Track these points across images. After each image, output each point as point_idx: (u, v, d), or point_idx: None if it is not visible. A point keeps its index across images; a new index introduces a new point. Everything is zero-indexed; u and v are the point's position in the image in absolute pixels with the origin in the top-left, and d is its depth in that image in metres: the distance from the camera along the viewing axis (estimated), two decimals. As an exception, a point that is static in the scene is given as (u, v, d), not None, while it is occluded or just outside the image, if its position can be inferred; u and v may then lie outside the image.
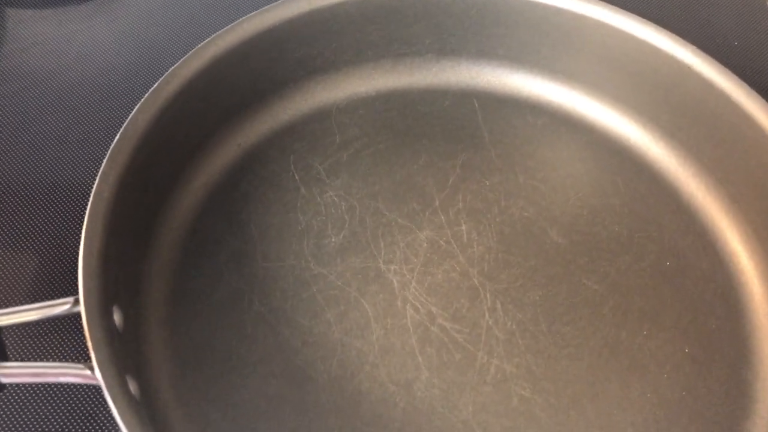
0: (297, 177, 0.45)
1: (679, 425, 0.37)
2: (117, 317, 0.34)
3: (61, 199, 0.45)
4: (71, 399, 0.37)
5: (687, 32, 0.45)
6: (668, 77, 0.44)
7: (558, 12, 0.46)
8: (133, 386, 0.32)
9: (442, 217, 0.44)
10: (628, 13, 0.45)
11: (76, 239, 0.42)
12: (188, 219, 0.42)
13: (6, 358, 0.32)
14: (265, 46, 0.45)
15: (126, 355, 0.33)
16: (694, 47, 0.43)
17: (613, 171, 0.46)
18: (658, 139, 0.47)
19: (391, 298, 0.40)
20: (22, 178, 0.46)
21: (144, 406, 0.33)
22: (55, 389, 0.38)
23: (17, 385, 0.38)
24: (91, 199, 0.34)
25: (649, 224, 0.44)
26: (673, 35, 0.44)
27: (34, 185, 0.46)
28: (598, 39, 0.46)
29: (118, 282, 0.35)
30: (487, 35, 0.48)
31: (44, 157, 0.47)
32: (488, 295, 0.41)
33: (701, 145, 0.45)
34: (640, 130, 0.47)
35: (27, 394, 0.38)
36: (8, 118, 0.49)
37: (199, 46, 0.42)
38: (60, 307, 0.32)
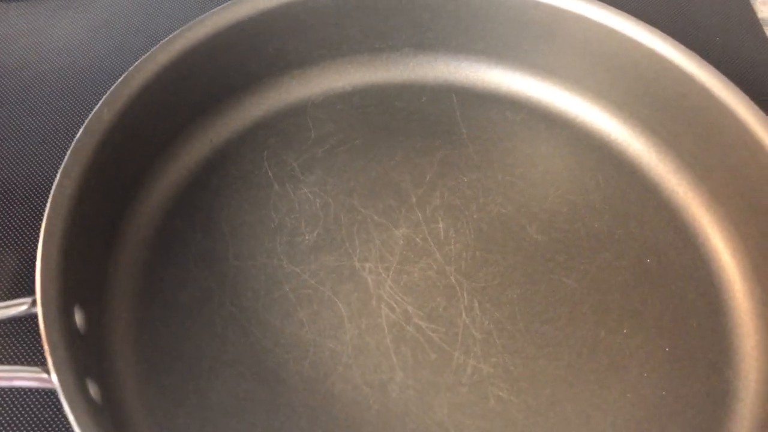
0: (270, 173, 0.44)
1: (659, 425, 0.36)
2: (79, 318, 0.33)
3: (24, 195, 0.44)
4: (28, 405, 0.36)
5: (668, 27, 0.45)
6: (649, 72, 0.44)
7: (537, 6, 0.45)
8: (94, 390, 0.31)
9: (419, 214, 0.43)
10: (609, 7, 0.44)
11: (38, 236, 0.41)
12: (157, 216, 0.41)
13: (-42, 361, 0.31)
14: (237, 39, 0.43)
15: (88, 357, 0.32)
16: (676, 41, 0.42)
17: (592, 167, 0.46)
18: (639, 135, 0.46)
19: (366, 297, 0.39)
20: (-13, 175, 0.45)
21: (106, 411, 0.31)
22: (9, 395, 0.36)
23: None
24: (51, 195, 0.33)
25: (629, 221, 0.43)
26: (654, 29, 0.43)
27: (-1, 182, 0.45)
28: (578, 33, 0.45)
29: (80, 281, 0.34)
30: (465, 29, 0.47)
31: (6, 153, 0.46)
32: (465, 294, 0.40)
33: (682, 141, 0.44)
34: (621, 125, 0.47)
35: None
36: (-28, 114, 0.48)
37: (169, 37, 0.41)
38: (17, 308, 0.31)
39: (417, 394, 0.36)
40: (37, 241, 0.41)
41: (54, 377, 0.28)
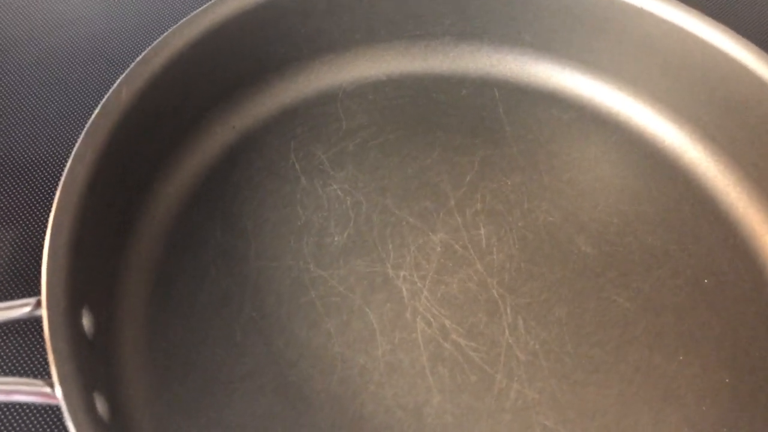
0: (297, 166, 0.40)
1: (720, 466, 0.33)
2: (87, 321, 0.29)
3: (34, 180, 0.40)
4: (28, 421, 0.33)
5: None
6: (715, 74, 0.40)
7: (595, -4, 0.42)
8: (101, 405, 0.28)
9: (458, 219, 0.39)
10: (674, 0, 0.40)
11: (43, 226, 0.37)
12: (173, 209, 0.38)
13: (-51, 371, 0.27)
14: (267, 18, 0.40)
15: (95, 367, 0.29)
16: (749, 42, 0.39)
17: (645, 175, 0.42)
18: (697, 141, 0.43)
19: (400, 309, 0.36)
20: (-11, 154, 0.41)
21: (113, 429, 0.28)
22: (8, 409, 0.33)
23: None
24: (61, 183, 0.29)
25: (684, 236, 0.40)
26: (725, 27, 0.39)
27: (2, 163, 0.41)
28: (637, 28, 0.42)
29: (90, 280, 0.30)
30: (512, 18, 0.44)
31: (16, 132, 0.42)
32: (509, 310, 0.36)
33: (745, 150, 0.41)
34: (677, 130, 0.43)
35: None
36: (-24, 87, 0.44)
37: (195, 13, 0.37)
38: (19, 309, 0.27)
39: (455, 420, 0.33)
40: (41, 230, 0.38)
41: (59, 392, 0.25)
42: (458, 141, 0.42)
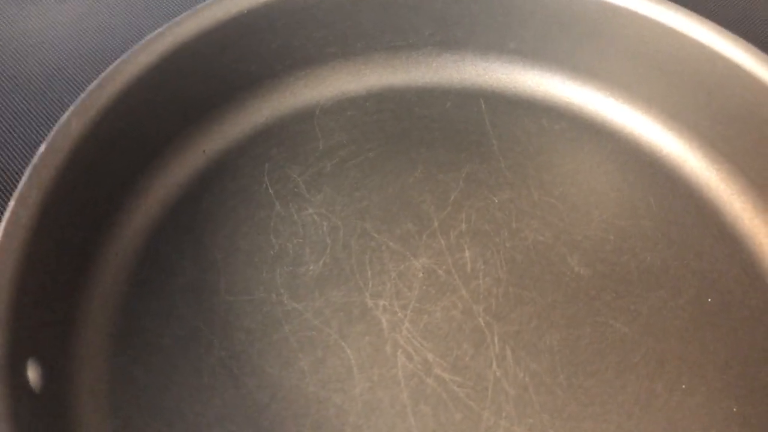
0: (271, 191, 0.38)
1: (728, 506, 0.30)
2: (33, 373, 0.27)
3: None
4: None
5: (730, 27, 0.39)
6: (712, 78, 0.38)
7: (582, 0, 0.39)
8: (48, 466, 0.26)
9: (442, 242, 0.37)
10: (667, 2, 0.38)
11: None
12: (138, 241, 0.36)
13: None
14: (236, 34, 0.38)
15: (41, 423, 0.26)
16: (747, 43, 0.36)
17: (643, 187, 0.40)
18: (697, 150, 0.40)
19: (379, 342, 0.34)
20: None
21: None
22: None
23: None
24: (2, 228, 0.27)
25: (686, 252, 0.37)
26: (721, 28, 0.37)
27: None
28: (629, 32, 0.39)
29: (38, 328, 0.28)
30: (497, 26, 0.42)
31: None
32: (496, 339, 0.34)
33: (749, 158, 0.38)
34: (676, 138, 0.41)
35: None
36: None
37: (155, 32, 0.35)
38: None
39: (438, 464, 0.31)
40: None
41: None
42: (442, 157, 0.40)
